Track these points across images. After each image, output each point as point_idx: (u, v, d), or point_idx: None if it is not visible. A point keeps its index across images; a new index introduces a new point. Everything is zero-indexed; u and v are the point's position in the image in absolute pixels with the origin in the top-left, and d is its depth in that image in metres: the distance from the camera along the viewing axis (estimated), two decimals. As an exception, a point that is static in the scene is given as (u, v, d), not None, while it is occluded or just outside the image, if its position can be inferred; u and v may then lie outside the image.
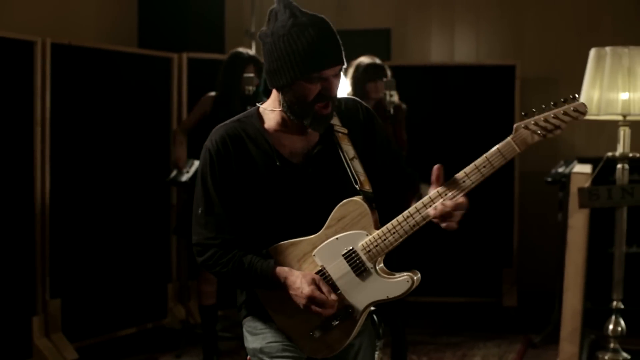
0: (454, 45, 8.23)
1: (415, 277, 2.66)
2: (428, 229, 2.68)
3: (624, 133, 4.62)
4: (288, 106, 2.68)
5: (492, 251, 7.44)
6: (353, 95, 5.63)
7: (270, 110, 2.76)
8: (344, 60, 2.67)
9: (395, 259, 2.96)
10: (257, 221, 2.73)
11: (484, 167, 2.55)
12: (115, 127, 6.37)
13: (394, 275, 2.67)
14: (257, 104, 2.84)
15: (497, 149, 2.55)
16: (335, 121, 2.77)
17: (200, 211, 2.74)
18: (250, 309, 2.82)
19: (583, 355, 5.44)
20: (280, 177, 2.70)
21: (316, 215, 2.69)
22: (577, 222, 4.72)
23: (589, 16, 7.85)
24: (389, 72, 5.79)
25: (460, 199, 2.56)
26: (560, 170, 6.42)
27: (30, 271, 5.69)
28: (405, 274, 2.66)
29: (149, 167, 6.66)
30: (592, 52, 4.64)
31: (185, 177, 5.97)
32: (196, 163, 5.88)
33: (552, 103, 2.53)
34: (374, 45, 8.00)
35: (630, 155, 4.63)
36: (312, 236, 2.70)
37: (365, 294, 2.66)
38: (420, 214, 2.60)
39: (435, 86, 7.48)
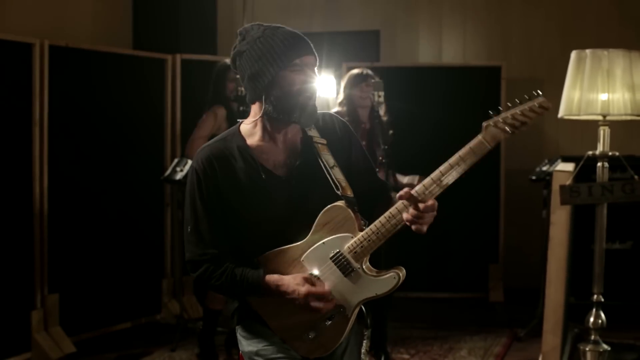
0: (441, 47, 8.35)
1: (401, 274, 2.76)
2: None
3: (603, 132, 4.75)
4: (274, 106, 2.76)
5: (479, 248, 7.58)
6: (345, 103, 5.76)
7: (252, 126, 2.86)
8: (315, 55, 2.80)
9: (384, 258, 3.10)
10: (246, 233, 2.83)
11: (458, 165, 2.67)
12: (111, 126, 6.48)
13: (381, 273, 2.78)
14: (237, 120, 2.96)
15: (469, 147, 2.68)
16: (314, 133, 2.87)
17: (190, 229, 2.82)
18: (243, 316, 2.90)
19: (566, 347, 5.58)
20: (266, 189, 2.79)
21: (302, 222, 2.78)
22: (559, 219, 4.83)
23: (573, 19, 7.99)
24: (377, 79, 5.89)
25: (430, 201, 2.65)
26: (545, 168, 6.56)
27: (29, 267, 5.80)
28: (391, 271, 2.77)
29: (144, 165, 6.77)
30: (573, 55, 4.77)
31: (179, 176, 6.09)
32: (189, 162, 6.01)
33: (516, 100, 2.67)
34: (363, 46, 8.13)
35: (610, 154, 4.76)
36: (300, 242, 2.78)
37: (354, 293, 2.77)
38: (401, 213, 2.69)
39: (423, 87, 7.59)
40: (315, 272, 2.77)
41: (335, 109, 5.83)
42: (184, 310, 6.68)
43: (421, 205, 2.65)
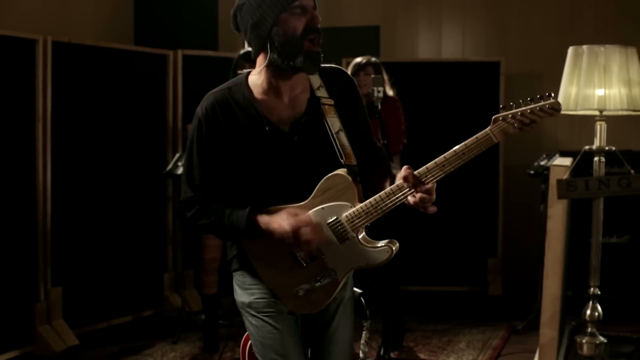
0: (441, 42, 8.41)
1: (394, 247, 2.83)
2: (418, 216, 2.84)
3: (600, 127, 4.81)
4: (278, 53, 2.78)
5: (478, 241, 7.63)
6: None
7: (257, 77, 2.89)
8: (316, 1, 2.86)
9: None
10: (245, 185, 2.89)
11: (463, 153, 2.71)
12: (113, 121, 6.53)
13: (375, 244, 2.85)
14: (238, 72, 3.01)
15: (476, 137, 2.72)
16: (322, 92, 2.91)
17: (186, 171, 2.92)
18: (240, 263, 2.98)
19: (563, 339, 5.65)
20: (267, 142, 2.84)
21: (301, 182, 2.84)
22: (556, 212, 4.88)
23: (572, 14, 8.05)
24: (381, 69, 5.98)
25: (430, 184, 2.71)
26: (543, 163, 6.61)
27: (32, 261, 5.86)
28: (384, 243, 2.84)
29: (145, 160, 6.82)
30: (570, 51, 4.83)
31: (181, 170, 6.14)
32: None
33: (528, 98, 2.72)
34: (364, 42, 8.18)
35: (607, 148, 4.83)
36: (300, 204, 2.84)
37: (347, 260, 2.85)
38: (401, 191, 2.74)
39: (423, 82, 7.63)
40: None
41: None
42: (186, 304, 6.74)
43: (422, 189, 2.71)
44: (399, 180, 2.76)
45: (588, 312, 4.90)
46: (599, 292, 4.89)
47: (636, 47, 4.85)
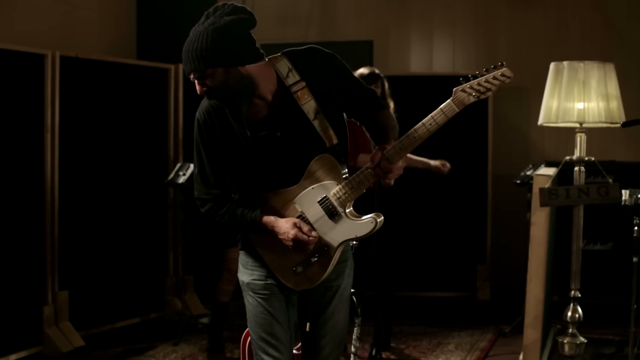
0: (432, 57, 8.63)
1: (378, 219, 3.11)
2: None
3: (580, 139, 5.06)
4: None
5: (467, 248, 7.85)
6: None
7: None
8: (198, 67, 2.98)
9: (375, 257, 3.41)
10: (244, 177, 3.20)
11: (430, 124, 3.06)
12: (117, 132, 6.76)
13: (361, 217, 3.15)
14: None
15: (440, 109, 3.06)
16: (293, 77, 3.14)
17: (196, 171, 3.23)
18: (245, 245, 3.30)
19: (548, 341, 5.87)
20: (253, 144, 3.12)
21: (291, 168, 3.14)
22: (539, 219, 5.10)
23: (558, 30, 8.28)
24: (384, 82, 6.19)
25: (400, 162, 3.04)
26: (529, 173, 6.82)
27: (40, 265, 6.07)
28: (369, 216, 3.13)
29: (148, 169, 7.05)
30: (552, 66, 5.07)
31: (181, 179, 6.37)
32: (191, 167, 6.29)
33: (484, 69, 3.04)
34: (357, 56, 8.37)
35: (586, 158, 5.08)
36: (293, 187, 3.14)
37: (337, 233, 3.14)
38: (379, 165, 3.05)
39: (415, 95, 7.82)
40: (305, 213, 3.13)
41: None
42: (186, 308, 6.94)
43: (391, 166, 3.03)
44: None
45: (569, 313, 5.10)
46: (580, 295, 5.11)
47: (621, 61, 5.08)
